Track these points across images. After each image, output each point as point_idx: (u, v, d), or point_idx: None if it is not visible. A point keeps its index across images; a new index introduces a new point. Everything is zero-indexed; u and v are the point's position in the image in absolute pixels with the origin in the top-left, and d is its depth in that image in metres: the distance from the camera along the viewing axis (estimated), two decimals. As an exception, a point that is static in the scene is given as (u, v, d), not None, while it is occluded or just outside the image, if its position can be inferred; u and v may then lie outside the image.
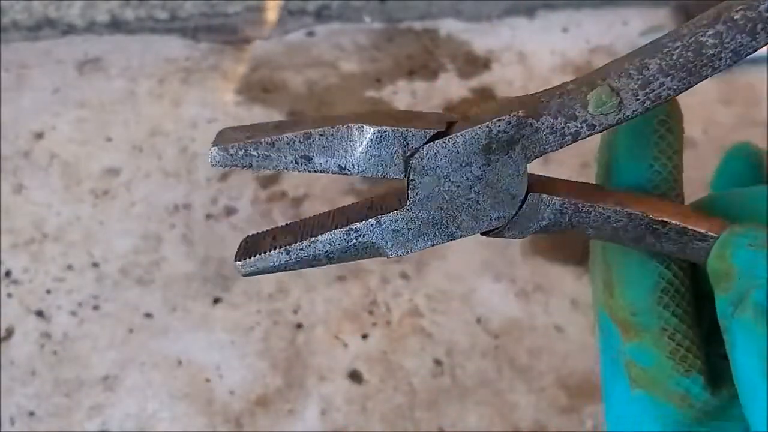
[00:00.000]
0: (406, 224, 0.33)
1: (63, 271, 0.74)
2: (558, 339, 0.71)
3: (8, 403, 0.66)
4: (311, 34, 0.93)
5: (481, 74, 0.90)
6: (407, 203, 0.33)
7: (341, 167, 0.32)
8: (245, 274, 0.34)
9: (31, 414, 0.66)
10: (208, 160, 0.32)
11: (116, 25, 0.92)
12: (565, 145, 0.33)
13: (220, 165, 0.32)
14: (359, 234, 0.33)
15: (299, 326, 0.71)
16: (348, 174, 0.32)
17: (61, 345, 0.70)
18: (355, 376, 0.69)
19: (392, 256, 0.33)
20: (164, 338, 0.70)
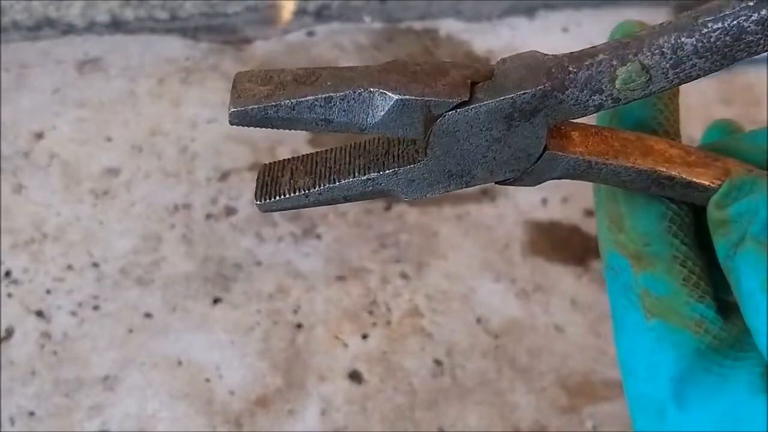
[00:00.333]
0: (422, 175, 0.33)
1: (63, 271, 0.74)
2: (558, 339, 0.71)
3: (8, 403, 0.66)
4: (311, 34, 0.93)
5: (481, 74, 0.90)
6: (425, 158, 0.33)
7: (361, 128, 0.32)
8: (264, 212, 0.34)
9: (31, 414, 0.66)
10: (227, 120, 0.32)
11: (116, 25, 0.92)
12: (587, 115, 0.33)
13: (239, 125, 0.32)
14: (376, 182, 0.34)
15: (299, 326, 0.71)
16: (367, 133, 0.33)
17: (61, 345, 0.70)
18: (355, 376, 0.69)
19: (406, 200, 0.34)
20: (164, 338, 0.70)
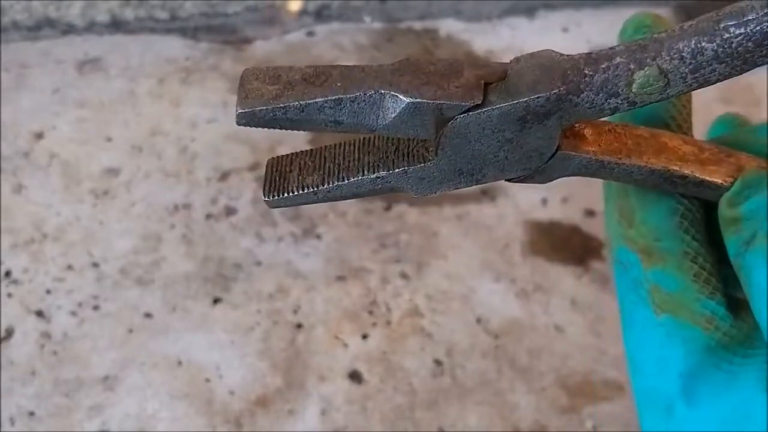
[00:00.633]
0: (432, 174, 0.33)
1: (63, 271, 0.74)
2: (558, 339, 0.71)
3: (8, 403, 0.66)
4: (311, 34, 0.93)
5: (481, 74, 0.90)
6: (435, 158, 0.32)
7: (371, 129, 0.32)
8: (273, 207, 0.34)
9: (31, 414, 0.66)
10: (235, 120, 0.31)
11: (116, 25, 0.92)
12: (602, 117, 0.33)
13: (246, 125, 0.31)
14: (386, 181, 0.33)
15: (299, 326, 0.71)
16: (376, 134, 0.32)
17: (61, 345, 0.70)
18: (355, 376, 0.69)
19: (417, 196, 0.33)
20: (164, 338, 0.70)
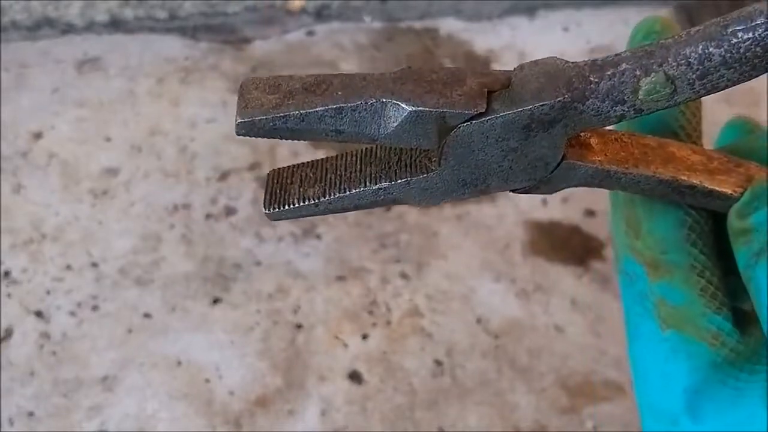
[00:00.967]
0: (435, 185, 0.32)
1: (62, 271, 0.74)
2: (558, 339, 0.71)
3: (7, 404, 0.66)
4: (311, 34, 0.93)
5: (481, 74, 0.90)
6: (438, 168, 0.32)
7: (373, 139, 0.31)
8: (274, 220, 0.34)
9: (30, 414, 0.66)
10: (234, 130, 0.31)
11: (115, 25, 0.92)
12: (608, 125, 0.32)
13: (246, 135, 0.31)
14: (388, 192, 0.33)
15: (299, 326, 0.71)
16: (378, 144, 0.32)
17: (60, 345, 0.70)
18: (355, 377, 0.69)
19: (419, 207, 0.33)
20: (163, 338, 0.70)
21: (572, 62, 0.32)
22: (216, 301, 0.72)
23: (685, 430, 0.33)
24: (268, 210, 0.33)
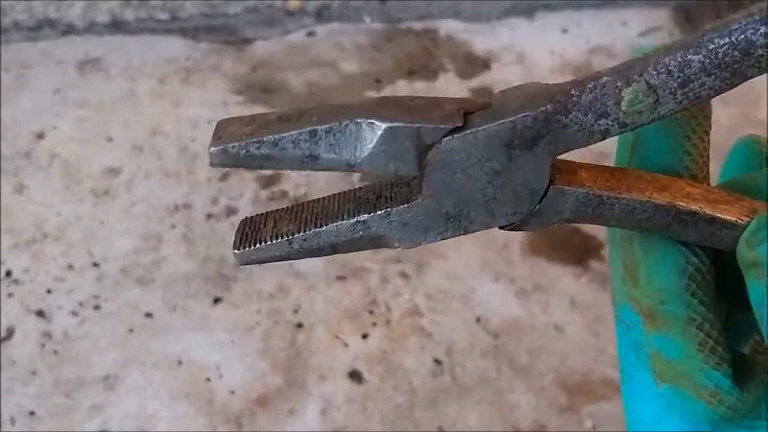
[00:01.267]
0: (417, 217, 0.31)
1: (63, 271, 0.74)
2: (557, 339, 0.71)
3: (9, 403, 0.66)
4: (311, 34, 0.93)
5: (481, 74, 0.90)
6: (419, 197, 0.31)
7: (349, 164, 0.30)
8: (243, 264, 0.31)
9: (32, 414, 0.66)
10: (208, 160, 0.29)
11: (116, 26, 0.92)
12: (593, 143, 0.31)
13: (221, 165, 0.30)
14: (367, 226, 0.31)
15: (299, 326, 0.72)
16: (356, 171, 0.30)
17: (62, 345, 0.70)
18: (355, 376, 0.69)
19: (400, 249, 0.31)
20: (164, 338, 0.70)
21: (554, 83, 0.31)
22: (217, 301, 0.73)
23: None
24: (238, 249, 0.31)
